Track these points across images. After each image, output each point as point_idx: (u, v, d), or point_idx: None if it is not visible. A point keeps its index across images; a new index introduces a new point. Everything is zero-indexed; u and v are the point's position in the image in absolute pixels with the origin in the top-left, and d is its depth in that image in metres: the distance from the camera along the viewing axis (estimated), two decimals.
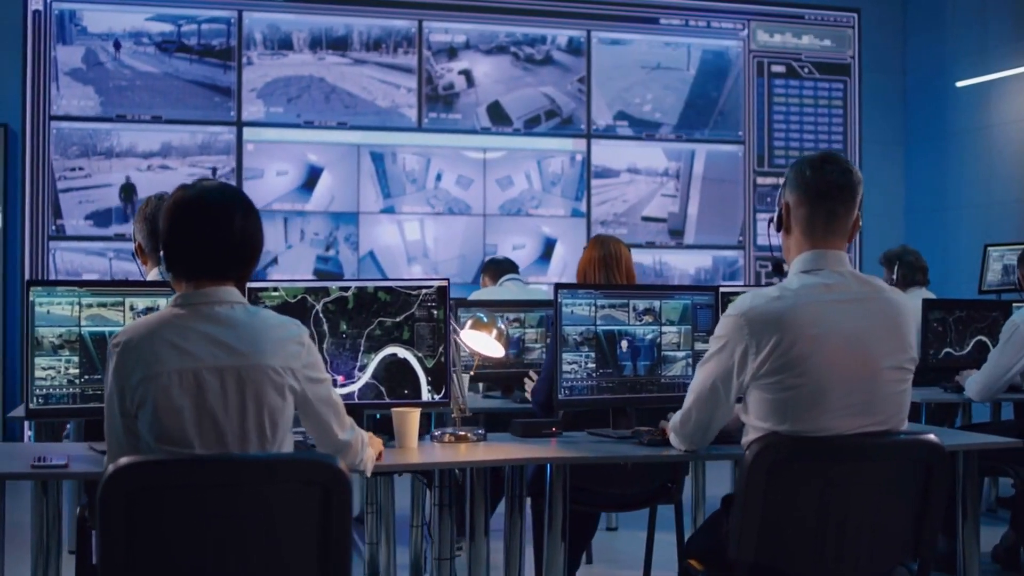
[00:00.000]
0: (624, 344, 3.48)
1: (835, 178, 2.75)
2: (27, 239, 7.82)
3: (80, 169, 7.94)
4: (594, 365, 3.45)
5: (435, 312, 3.33)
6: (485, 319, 3.39)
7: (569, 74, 8.84)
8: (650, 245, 8.97)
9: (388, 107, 8.49)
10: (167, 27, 8.13)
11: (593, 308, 3.45)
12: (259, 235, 2.51)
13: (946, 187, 9.31)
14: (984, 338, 5.36)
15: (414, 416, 3.18)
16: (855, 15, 9.43)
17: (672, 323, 3.57)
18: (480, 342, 3.39)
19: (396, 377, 3.37)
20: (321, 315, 3.30)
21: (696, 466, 5.14)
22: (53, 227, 7.88)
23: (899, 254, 6.21)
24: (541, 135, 8.77)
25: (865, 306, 2.68)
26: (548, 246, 8.74)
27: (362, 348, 3.33)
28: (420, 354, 3.37)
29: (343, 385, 3.32)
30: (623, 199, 8.98)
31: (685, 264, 8.99)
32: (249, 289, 3.24)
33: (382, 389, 3.35)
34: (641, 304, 3.51)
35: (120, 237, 7.93)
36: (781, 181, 8.54)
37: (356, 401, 3.33)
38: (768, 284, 4.68)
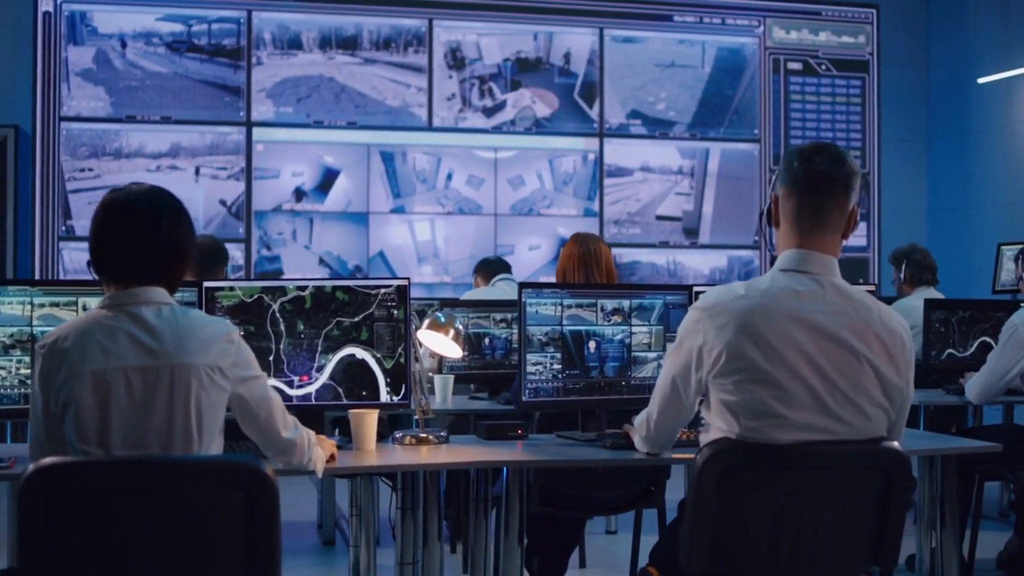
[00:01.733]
0: (592, 344, 3.40)
1: (823, 169, 2.57)
2: (37, 239, 7.86)
3: (90, 170, 7.97)
4: (560, 366, 3.38)
5: (395, 312, 3.27)
6: (443, 319, 3.33)
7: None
8: (664, 245, 8.87)
9: (398, 107, 8.46)
10: (177, 27, 8.14)
11: (559, 308, 3.37)
12: (189, 240, 2.49)
13: (969, 185, 9.15)
14: (988, 339, 5.22)
15: (371, 417, 3.12)
16: (873, 11, 9.28)
17: (643, 323, 3.49)
18: (437, 342, 3.33)
19: (354, 378, 3.31)
20: (278, 315, 3.24)
21: (689, 469, 5.05)
22: (63, 227, 7.91)
23: (907, 252, 6.08)
24: (553, 134, 8.70)
25: (834, 319, 2.51)
26: (563, 246, 8.64)
27: (319, 348, 3.28)
28: (379, 355, 3.31)
29: (300, 386, 3.27)
30: (636, 198, 8.89)
31: (699, 264, 8.88)
32: (206, 288, 3.21)
33: (340, 390, 3.30)
34: (609, 304, 3.43)
35: None
36: None
37: (313, 403, 3.28)
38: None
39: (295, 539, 5.82)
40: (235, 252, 8.13)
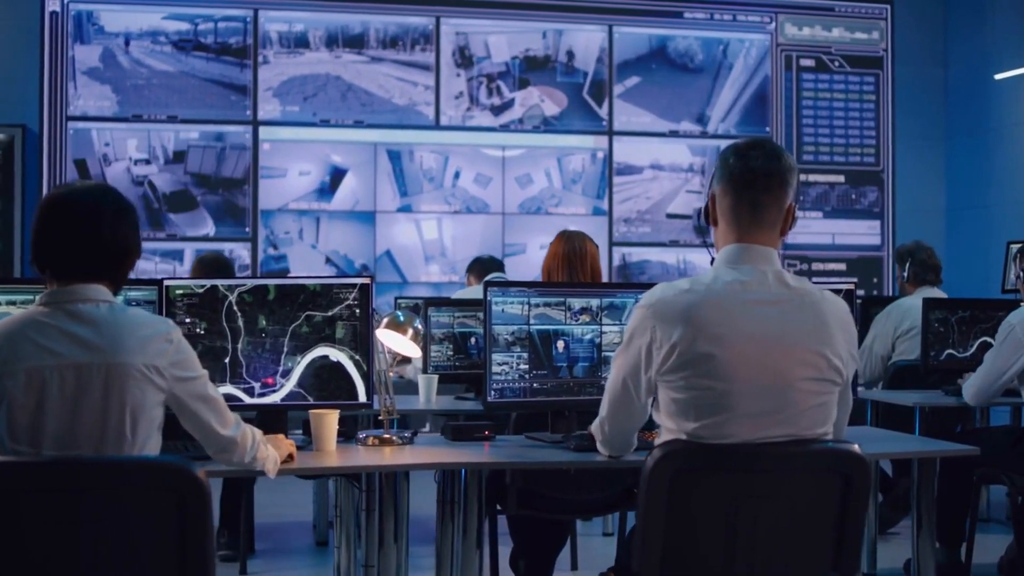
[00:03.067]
0: (560, 344, 3.34)
1: (759, 165, 2.54)
2: None
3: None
4: (527, 366, 3.31)
5: (357, 311, 3.19)
6: (402, 319, 3.27)
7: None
8: (674, 244, 8.78)
9: (405, 105, 8.41)
10: (184, 26, 8.14)
11: (526, 307, 3.31)
12: (132, 236, 2.47)
13: (987, 183, 9.00)
14: (989, 339, 5.10)
15: (331, 418, 3.07)
16: (887, 7, 9.15)
17: (615, 322, 3.42)
18: (395, 342, 3.27)
19: (328, 384, 3.16)
20: (235, 308, 3.12)
21: None
22: None
23: (912, 250, 5.96)
24: (561, 132, 8.63)
25: (781, 309, 2.48)
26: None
27: (285, 349, 3.16)
28: (357, 356, 3.19)
29: (262, 394, 3.15)
30: (646, 196, 8.81)
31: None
32: (166, 286, 3.16)
33: (310, 399, 3.16)
34: (577, 303, 3.35)
35: None
36: (810, 178, 8.35)
37: (279, 403, 3.19)
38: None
39: (290, 539, 5.80)
40: (241, 251, 8.13)
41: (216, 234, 8.11)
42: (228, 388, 3.10)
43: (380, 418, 3.25)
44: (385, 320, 3.23)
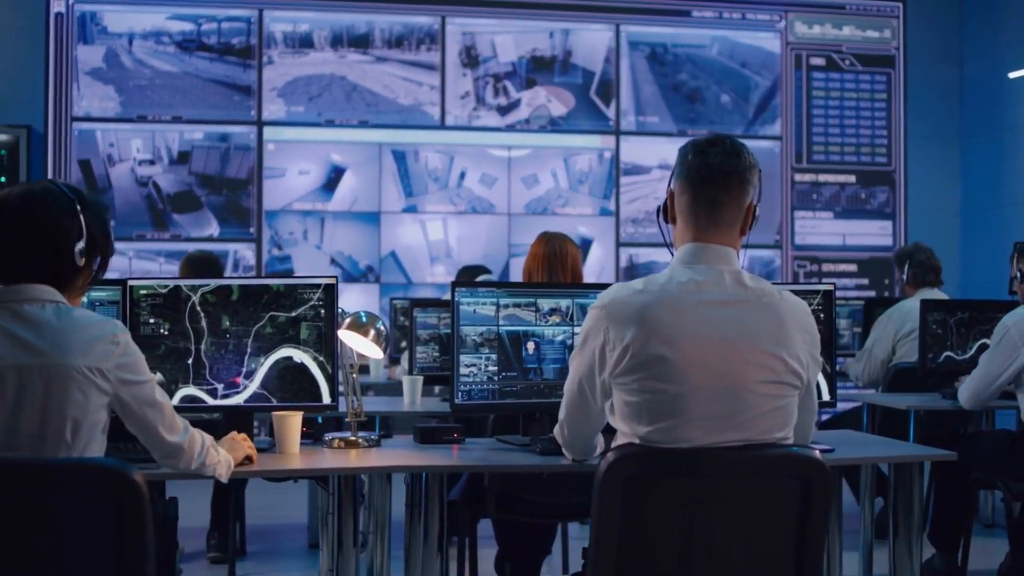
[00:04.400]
0: (531, 346, 3.28)
1: (718, 162, 2.47)
2: None
3: None
4: (496, 368, 3.26)
5: (322, 312, 3.15)
6: (364, 319, 3.21)
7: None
8: None
9: (410, 105, 8.37)
10: (187, 26, 8.13)
11: (496, 307, 3.25)
12: (71, 234, 2.39)
13: (1003, 183, 8.87)
14: (989, 341, 5.01)
15: (294, 420, 3.03)
16: (900, 4, 9.03)
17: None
18: (357, 343, 3.22)
19: (290, 386, 3.12)
20: (199, 308, 3.09)
21: None
22: None
23: (910, 252, 5.88)
24: (567, 132, 8.57)
25: (737, 310, 2.41)
26: (583, 247, 8.51)
27: (249, 350, 3.12)
28: (321, 357, 3.15)
29: (225, 395, 3.11)
30: (655, 196, 8.72)
31: None
32: (130, 287, 3.12)
33: (273, 401, 3.12)
34: (547, 304, 3.29)
35: (141, 238, 7.98)
36: (821, 178, 8.24)
37: (243, 404, 3.16)
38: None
39: (284, 541, 5.78)
40: (246, 252, 8.12)
41: (220, 235, 8.09)
42: (191, 389, 3.07)
43: (347, 420, 3.20)
44: (347, 321, 3.19)
